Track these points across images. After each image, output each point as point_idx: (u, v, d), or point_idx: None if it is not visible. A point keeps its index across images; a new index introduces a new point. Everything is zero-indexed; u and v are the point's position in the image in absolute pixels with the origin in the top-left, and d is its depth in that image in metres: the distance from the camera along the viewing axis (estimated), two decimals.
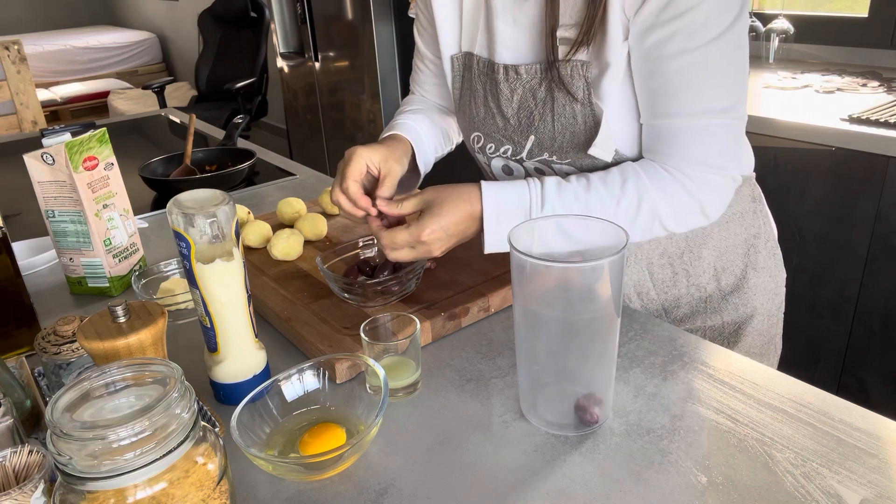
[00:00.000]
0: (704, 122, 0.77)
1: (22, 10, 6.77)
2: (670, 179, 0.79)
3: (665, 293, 0.95)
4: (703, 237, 0.93)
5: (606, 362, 0.65)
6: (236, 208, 0.80)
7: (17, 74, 2.65)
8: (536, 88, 0.85)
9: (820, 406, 0.68)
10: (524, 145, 0.89)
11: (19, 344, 0.87)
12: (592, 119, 0.82)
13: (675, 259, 0.94)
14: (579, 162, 0.86)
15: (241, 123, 1.70)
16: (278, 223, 1.13)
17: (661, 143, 0.80)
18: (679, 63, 0.75)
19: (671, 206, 0.80)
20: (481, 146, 0.95)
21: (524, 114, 0.87)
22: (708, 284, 0.95)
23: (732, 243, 0.95)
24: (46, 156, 0.93)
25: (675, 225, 0.82)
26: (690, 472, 0.60)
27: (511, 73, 0.86)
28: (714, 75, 0.75)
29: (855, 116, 1.61)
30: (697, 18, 0.73)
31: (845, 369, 1.77)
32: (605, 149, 0.82)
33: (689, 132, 0.78)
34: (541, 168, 0.90)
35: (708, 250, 0.94)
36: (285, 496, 0.61)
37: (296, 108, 3.96)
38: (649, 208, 0.79)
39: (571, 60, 0.80)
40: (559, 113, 0.83)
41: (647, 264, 0.94)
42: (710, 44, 0.74)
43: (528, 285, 0.62)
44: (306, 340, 0.80)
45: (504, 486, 0.60)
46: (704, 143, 0.78)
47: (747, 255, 0.96)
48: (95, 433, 0.44)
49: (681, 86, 0.76)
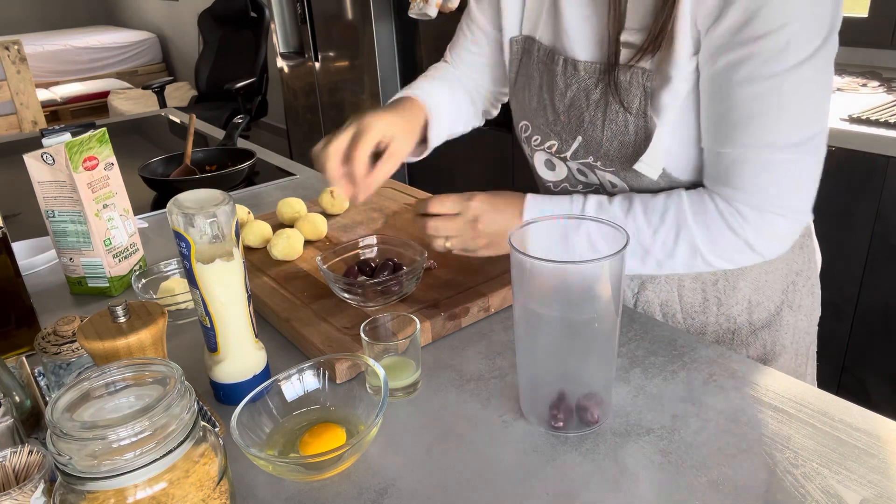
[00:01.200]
0: (767, 157, 0.70)
1: (22, 10, 6.77)
2: (715, 213, 0.74)
3: (692, 318, 0.90)
4: (742, 269, 0.87)
5: (606, 362, 0.65)
6: (236, 208, 0.80)
7: (17, 74, 2.65)
8: (591, 89, 0.80)
9: (820, 406, 0.68)
10: (570, 144, 0.84)
11: (19, 344, 0.87)
12: (644, 132, 0.77)
13: (708, 285, 0.88)
14: (624, 174, 0.81)
15: (241, 123, 1.70)
16: (278, 223, 1.13)
17: (719, 170, 0.74)
18: (749, 91, 0.68)
19: (712, 241, 0.74)
20: (528, 136, 0.91)
21: (574, 112, 0.82)
22: (739, 316, 0.89)
23: (772, 278, 0.89)
24: (46, 156, 0.93)
25: (718, 261, 0.76)
26: (690, 472, 0.60)
27: (570, 66, 0.82)
28: (786, 107, 0.68)
29: (855, 116, 1.61)
30: (777, 44, 0.65)
31: (845, 369, 1.77)
32: (651, 165, 0.77)
33: (749, 166, 0.71)
34: (584, 171, 0.86)
35: (745, 282, 0.88)
36: (285, 496, 0.61)
37: (296, 108, 3.96)
38: (688, 243, 0.75)
39: (633, 67, 0.75)
40: (611, 119, 0.78)
41: (678, 286, 0.89)
42: (787, 73, 0.66)
43: (528, 285, 0.62)
44: (306, 340, 0.80)
45: (504, 486, 0.60)
46: (765, 179, 0.71)
47: (785, 293, 0.90)
48: (95, 433, 0.44)
49: (747, 115, 0.69)
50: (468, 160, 2.88)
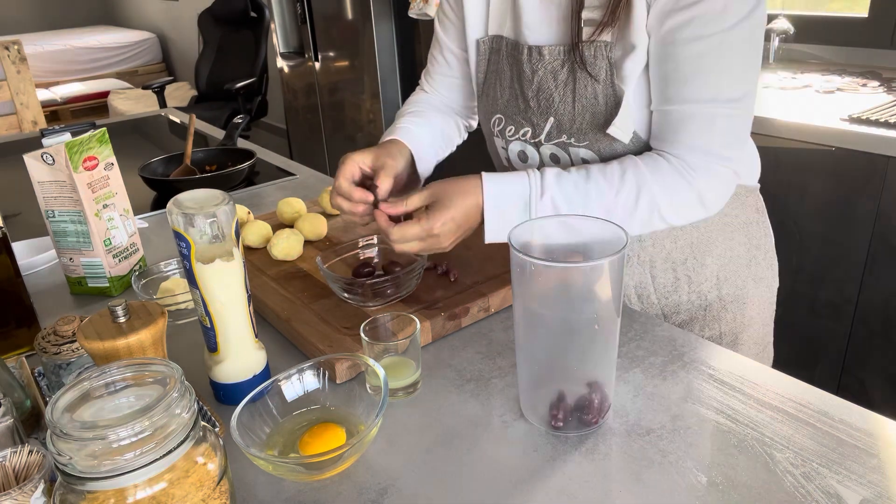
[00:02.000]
0: (712, 111, 0.77)
1: (22, 10, 6.77)
2: (670, 170, 0.80)
3: (666, 298, 0.95)
4: (707, 245, 0.93)
5: (606, 362, 0.65)
6: (236, 208, 0.80)
7: (17, 74, 2.65)
8: (558, 70, 0.86)
9: (820, 406, 0.68)
10: (543, 127, 0.89)
11: (19, 344, 0.87)
12: (614, 99, 0.83)
13: (678, 265, 0.94)
14: (597, 144, 0.86)
15: (241, 123, 1.70)
16: (278, 223, 1.13)
17: (667, 129, 0.81)
18: (693, 49, 0.76)
19: (669, 197, 0.80)
20: (501, 129, 0.96)
21: (544, 95, 0.88)
22: (709, 293, 0.95)
23: (736, 253, 0.95)
24: (46, 156, 0.93)
25: (674, 216, 0.81)
26: (690, 472, 0.60)
27: (535, 53, 0.87)
28: (726, 64, 0.76)
29: (855, 116, 1.61)
30: (716, 6, 0.74)
31: (845, 369, 1.77)
32: (623, 129, 0.82)
33: (696, 119, 0.78)
34: (556, 154, 0.90)
35: (712, 258, 0.94)
36: (285, 496, 0.61)
37: (296, 108, 3.96)
38: (648, 199, 0.79)
39: (595, 41, 0.81)
40: (580, 94, 0.84)
41: (650, 267, 0.94)
42: (725, 32, 0.74)
43: (528, 285, 0.62)
44: (306, 340, 0.80)
45: (504, 486, 0.60)
46: (710, 131, 0.78)
47: (749, 267, 0.97)
48: (95, 433, 0.44)
49: (692, 72, 0.77)
50: (468, 159, 2.88)
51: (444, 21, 1.03)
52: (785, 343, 1.86)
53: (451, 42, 1.03)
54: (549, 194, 0.79)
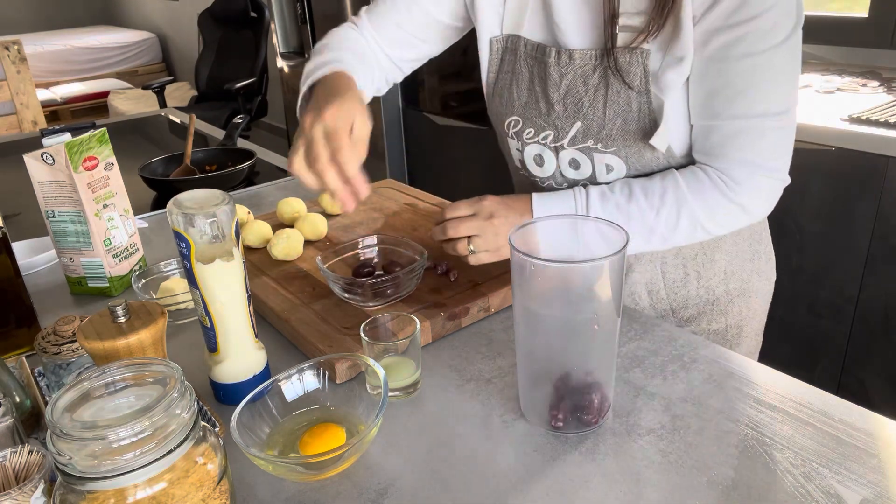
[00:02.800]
0: (762, 125, 0.79)
1: (22, 10, 6.76)
2: (711, 187, 0.81)
3: (675, 293, 0.96)
4: (717, 240, 0.94)
5: (606, 363, 0.65)
6: (236, 208, 0.80)
7: (17, 74, 2.65)
8: (589, 75, 0.85)
9: (820, 406, 0.68)
10: (567, 132, 0.89)
11: (19, 344, 0.87)
12: (648, 108, 0.83)
13: (688, 260, 0.94)
14: (625, 150, 0.86)
15: (241, 123, 1.70)
16: (278, 223, 1.13)
17: (712, 143, 0.82)
18: (744, 65, 0.77)
19: (710, 212, 0.82)
20: (517, 131, 0.94)
21: (571, 100, 0.87)
22: (717, 287, 0.96)
23: (741, 248, 0.97)
24: (46, 156, 0.93)
25: (716, 228, 0.84)
26: (690, 472, 0.60)
27: (564, 57, 0.86)
28: (776, 79, 0.78)
29: (855, 116, 1.61)
30: (765, 24, 0.75)
31: (845, 369, 1.77)
32: (663, 139, 0.83)
33: (744, 134, 0.79)
34: (577, 159, 0.90)
35: (720, 254, 0.95)
36: (285, 496, 0.61)
37: (296, 108, 3.95)
38: (689, 217, 0.82)
39: (634, 49, 0.81)
40: (612, 100, 0.84)
41: (661, 264, 0.95)
42: (775, 49, 0.76)
43: (528, 285, 0.62)
44: (306, 340, 0.80)
45: (504, 486, 0.60)
46: (760, 144, 0.80)
47: (752, 261, 0.98)
48: (95, 433, 0.44)
49: (744, 88, 0.78)
50: (468, 160, 2.88)
51: None
52: (785, 343, 1.86)
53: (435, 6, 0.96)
54: (594, 214, 0.82)
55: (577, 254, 0.67)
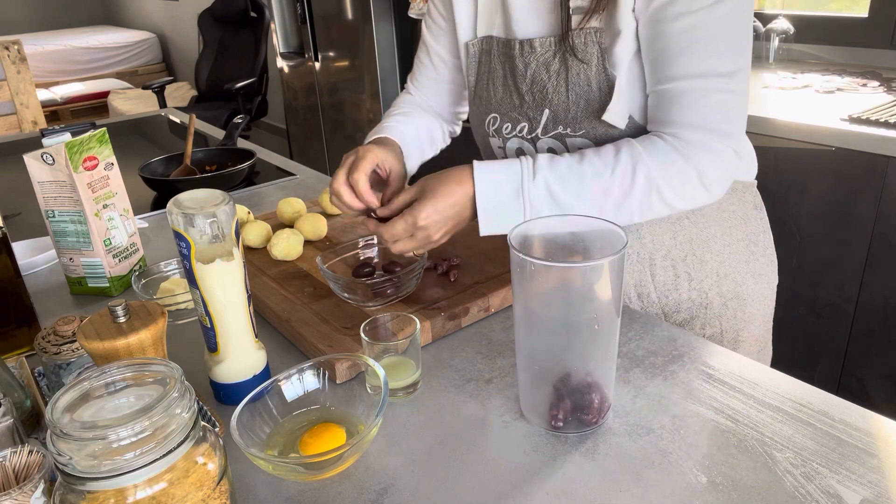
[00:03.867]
0: (704, 85, 0.77)
1: (22, 10, 6.76)
2: (665, 146, 0.79)
3: (666, 296, 0.95)
4: (706, 240, 0.93)
5: (606, 363, 0.65)
6: (236, 208, 0.80)
7: (17, 74, 2.65)
8: (550, 61, 0.86)
9: (820, 406, 0.68)
10: (539, 120, 0.89)
11: (19, 344, 0.87)
12: (607, 85, 0.83)
13: (678, 262, 0.93)
14: (594, 132, 0.86)
15: (241, 123, 1.70)
16: (278, 223, 1.13)
17: (661, 109, 0.81)
18: (680, 25, 0.76)
19: (666, 172, 0.78)
20: (497, 128, 0.95)
21: (537, 88, 0.88)
22: (710, 290, 0.95)
23: (735, 249, 0.95)
24: (46, 156, 0.93)
25: (673, 195, 0.80)
26: (690, 472, 0.60)
27: (526, 47, 0.88)
28: (715, 39, 0.76)
29: (855, 116, 1.61)
30: None
31: (845, 369, 1.77)
32: (618, 115, 0.83)
33: (688, 94, 0.78)
34: (554, 148, 0.90)
35: (711, 254, 0.94)
36: (285, 496, 0.61)
37: (296, 108, 3.95)
38: (644, 176, 0.78)
39: (585, 28, 0.82)
40: (573, 82, 0.84)
41: (650, 265, 0.94)
42: (711, 6, 0.75)
43: (528, 285, 0.62)
44: (306, 340, 0.80)
45: (504, 486, 0.60)
46: (704, 105, 0.78)
47: (748, 263, 0.96)
48: (95, 433, 0.44)
49: (682, 48, 0.77)
50: (468, 160, 2.87)
51: (431, 25, 1.04)
52: (785, 343, 1.86)
53: (438, 46, 1.04)
54: (542, 175, 0.78)
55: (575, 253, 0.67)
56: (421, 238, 0.80)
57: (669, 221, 0.92)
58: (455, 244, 1.01)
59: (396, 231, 0.80)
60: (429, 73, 1.07)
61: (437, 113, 1.10)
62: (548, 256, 0.67)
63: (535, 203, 0.78)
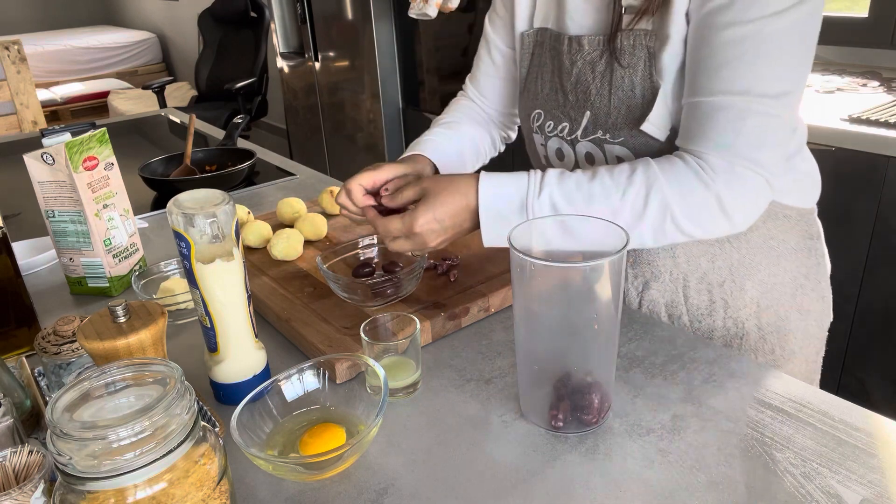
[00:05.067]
0: (744, 104, 0.70)
1: (22, 10, 6.76)
2: (685, 170, 0.72)
3: (699, 321, 0.88)
4: (748, 268, 0.86)
5: (606, 362, 0.65)
6: (236, 208, 0.80)
7: (17, 74, 2.65)
8: (597, 61, 0.82)
9: (820, 406, 0.68)
10: (580, 122, 0.85)
11: (19, 344, 0.87)
12: (651, 93, 0.78)
13: (714, 287, 0.87)
14: (632, 141, 0.81)
15: (241, 123, 1.70)
16: (278, 223, 1.13)
17: (693, 123, 0.73)
18: (730, 34, 0.69)
19: (682, 198, 0.72)
20: (540, 124, 0.92)
21: (581, 88, 0.84)
22: (747, 320, 0.88)
23: (780, 280, 0.88)
24: (46, 156, 0.93)
25: (689, 224, 0.73)
26: (690, 472, 0.60)
27: (574, 44, 0.84)
28: (766, 55, 0.69)
29: (855, 116, 1.61)
30: None
31: (845, 369, 1.77)
32: (659, 126, 0.78)
33: (724, 112, 0.70)
34: (592, 153, 0.86)
35: (752, 283, 0.87)
36: (285, 496, 0.61)
37: (296, 108, 3.96)
38: (659, 201, 0.72)
39: (634, 30, 0.77)
40: (617, 85, 0.80)
41: (683, 286, 0.88)
42: (767, 19, 0.68)
43: (528, 285, 0.62)
44: (306, 340, 0.80)
45: (504, 486, 0.60)
46: (739, 127, 0.70)
47: (794, 297, 0.89)
48: (95, 433, 0.44)
49: (727, 59, 0.70)
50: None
51: (493, 18, 1.00)
52: None
53: (499, 39, 1.00)
54: (548, 192, 0.74)
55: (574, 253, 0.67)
56: (417, 242, 0.78)
57: (707, 244, 0.86)
58: (455, 244, 1.01)
59: (392, 228, 0.78)
60: (488, 70, 1.03)
61: (490, 119, 1.06)
62: (548, 256, 0.67)
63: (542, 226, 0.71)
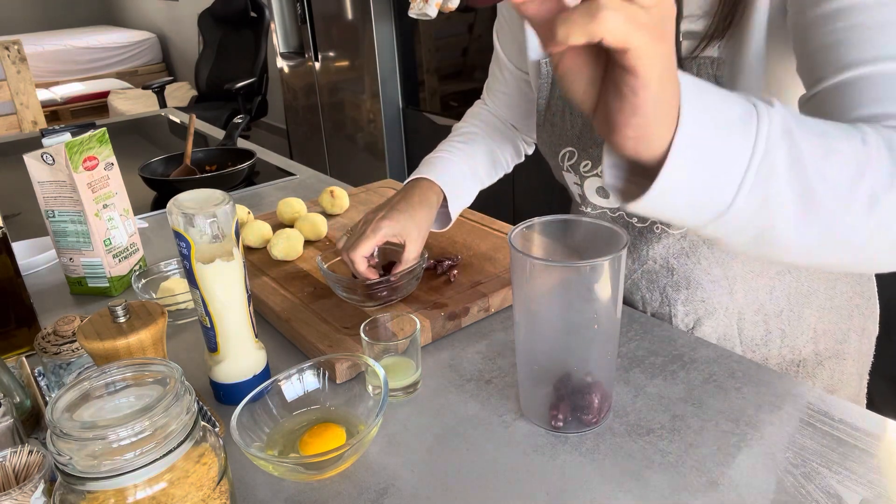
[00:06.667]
0: None
1: (22, 10, 6.76)
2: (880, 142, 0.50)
3: (753, 351, 0.85)
4: (806, 294, 0.82)
5: (607, 362, 0.65)
6: (236, 208, 0.80)
7: (17, 74, 2.65)
8: None
9: (820, 406, 0.68)
10: None
11: (19, 344, 0.87)
12: None
13: (771, 317, 0.83)
14: None
15: (241, 123, 1.70)
16: (278, 223, 1.13)
17: (863, 98, 0.54)
18: None
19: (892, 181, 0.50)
20: (574, 164, 0.84)
21: None
22: (804, 347, 0.84)
23: (837, 303, 0.84)
24: (46, 156, 0.93)
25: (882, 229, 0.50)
26: (690, 472, 0.60)
27: None
28: None
29: None
30: None
31: None
32: None
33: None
34: None
35: (810, 310, 0.83)
36: (285, 496, 0.61)
37: (296, 108, 3.96)
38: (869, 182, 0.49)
39: (698, 58, 0.67)
40: None
41: (738, 319, 0.84)
42: None
43: (528, 285, 0.62)
44: (306, 340, 0.80)
45: (504, 485, 0.60)
46: None
47: (851, 318, 0.85)
48: (95, 433, 0.44)
49: (879, 24, 0.54)
50: None
51: (499, 34, 0.95)
52: None
53: (506, 58, 0.95)
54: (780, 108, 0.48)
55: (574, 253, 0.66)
56: None
57: (768, 276, 0.81)
58: (455, 244, 1.01)
59: None
60: (499, 85, 0.99)
61: (510, 127, 1.02)
62: (548, 256, 0.67)
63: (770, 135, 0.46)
